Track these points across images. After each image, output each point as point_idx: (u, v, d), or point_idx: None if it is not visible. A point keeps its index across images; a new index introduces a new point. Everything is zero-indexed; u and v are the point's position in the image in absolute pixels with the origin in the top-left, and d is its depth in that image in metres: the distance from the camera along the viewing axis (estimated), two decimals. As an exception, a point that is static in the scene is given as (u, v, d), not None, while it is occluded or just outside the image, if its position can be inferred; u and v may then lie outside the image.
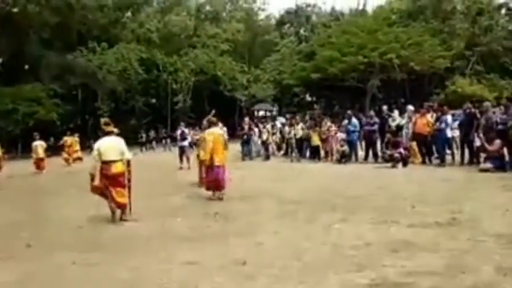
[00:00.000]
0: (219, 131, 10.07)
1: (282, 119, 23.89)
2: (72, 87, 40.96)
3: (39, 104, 35.41)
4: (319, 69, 39.24)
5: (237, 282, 4.45)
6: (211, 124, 10.09)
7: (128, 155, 8.05)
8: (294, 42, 47.02)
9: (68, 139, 23.24)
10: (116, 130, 8.29)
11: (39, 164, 19.39)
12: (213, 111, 10.62)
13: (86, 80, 38.05)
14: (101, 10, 40.77)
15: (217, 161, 9.43)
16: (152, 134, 37.13)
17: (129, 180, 8.03)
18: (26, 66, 40.53)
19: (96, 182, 7.85)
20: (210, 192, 9.68)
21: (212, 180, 9.50)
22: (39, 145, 19.70)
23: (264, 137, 20.41)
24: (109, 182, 7.72)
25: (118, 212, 7.82)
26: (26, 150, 25.47)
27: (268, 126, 21.58)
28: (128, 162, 8.03)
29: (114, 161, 7.72)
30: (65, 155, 22.73)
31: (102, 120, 8.43)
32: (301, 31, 52.91)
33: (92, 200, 8.47)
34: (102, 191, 7.83)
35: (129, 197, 7.96)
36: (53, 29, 37.91)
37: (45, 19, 35.62)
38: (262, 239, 5.96)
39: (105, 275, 4.92)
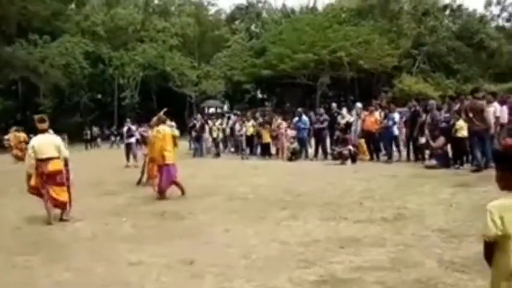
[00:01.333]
0: (167, 129, 9.83)
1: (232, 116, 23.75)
2: (12, 82, 39.18)
3: (-24, 99, 33.68)
4: (270, 66, 39.55)
5: (184, 281, 4.37)
6: (160, 122, 9.82)
7: (65, 152, 7.74)
8: (245, 38, 47.13)
9: (19, 135, 22.05)
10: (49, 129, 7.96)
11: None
12: (165, 109, 10.35)
13: (27, 74, 36.50)
14: (42, 1, 39.09)
15: (167, 159, 9.24)
16: (96, 130, 36.03)
17: (67, 179, 7.70)
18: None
19: (33, 181, 7.46)
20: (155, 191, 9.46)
21: (165, 179, 9.24)
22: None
23: (214, 134, 20.28)
24: (45, 181, 7.39)
25: (56, 211, 7.51)
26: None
27: (218, 123, 21.44)
28: (65, 160, 7.70)
29: (50, 159, 7.39)
30: (15, 151, 21.53)
31: (36, 116, 7.95)
32: (252, 27, 53.09)
33: (31, 200, 8.09)
34: (38, 191, 7.48)
35: (69, 197, 7.64)
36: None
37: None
38: (211, 238, 5.87)
39: (46, 278, 4.70)
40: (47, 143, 7.49)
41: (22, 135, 21.87)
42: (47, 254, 5.65)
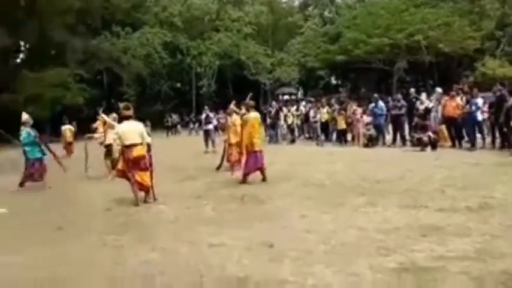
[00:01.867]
0: (256, 115, 9.92)
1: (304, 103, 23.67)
2: (97, 72, 41.48)
3: (66, 88, 35.97)
4: (344, 52, 38.77)
5: (264, 264, 4.44)
6: (249, 108, 9.87)
7: (148, 138, 8.14)
8: (319, 24, 46.41)
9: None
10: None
11: (68, 147, 19.74)
12: (250, 94, 10.48)
13: (111, 64, 38.51)
14: (123, -6, 40.94)
15: (256, 146, 9.42)
16: (176, 117, 37.31)
17: (150, 165, 8.13)
18: (52, 52, 41.10)
19: (120, 165, 8.03)
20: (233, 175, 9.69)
21: (252, 164, 9.41)
22: (68, 129, 20.05)
23: (289, 120, 20.34)
24: (131, 166, 7.82)
25: (141, 194, 7.95)
26: (55, 135, 25.97)
27: (293, 109, 21.46)
28: (148, 146, 8.11)
29: (134, 145, 7.80)
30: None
31: (122, 104, 8.47)
32: (326, 13, 52.11)
33: (118, 183, 8.64)
34: (125, 174, 7.95)
35: (152, 181, 8.06)
36: (77, 14, 38.23)
37: (69, 4, 35.91)
38: (289, 223, 5.94)
39: (134, 257, 4.97)
40: (131, 130, 7.89)
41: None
42: (134, 234, 5.99)
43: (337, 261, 4.38)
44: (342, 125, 17.58)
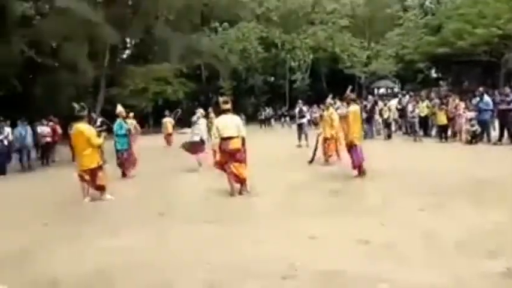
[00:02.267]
0: (357, 108, 9.72)
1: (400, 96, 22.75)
2: (197, 67, 43.09)
3: (168, 83, 37.88)
4: (446, 43, 36.64)
5: (360, 260, 4.39)
6: (350, 102, 9.64)
7: (244, 132, 8.29)
8: (419, 15, 44.34)
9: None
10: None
11: (168, 138, 20.88)
12: (350, 87, 10.31)
13: (209, 59, 39.75)
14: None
15: (356, 140, 9.28)
16: (270, 111, 37.74)
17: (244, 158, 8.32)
18: (155, 47, 43.36)
19: (217, 157, 8.29)
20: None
21: (356, 158, 9.27)
22: (168, 121, 21.19)
23: (385, 115, 19.72)
24: (228, 158, 8.06)
25: (237, 186, 8.14)
26: (157, 126, 27.50)
27: (390, 103, 20.74)
28: (243, 140, 8.28)
29: (231, 137, 8.02)
30: None
31: (221, 98, 8.67)
32: (427, 3, 49.59)
33: (215, 174, 8.93)
34: (222, 166, 8.22)
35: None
36: (179, 11, 39.94)
37: (172, 2, 37.65)
38: (386, 219, 5.79)
39: (233, 246, 5.12)
40: (229, 123, 8.12)
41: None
42: (230, 224, 6.19)
43: (439, 262, 4.21)
44: (442, 120, 16.68)
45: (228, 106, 8.29)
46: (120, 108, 11.76)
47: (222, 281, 4.09)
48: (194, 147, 12.37)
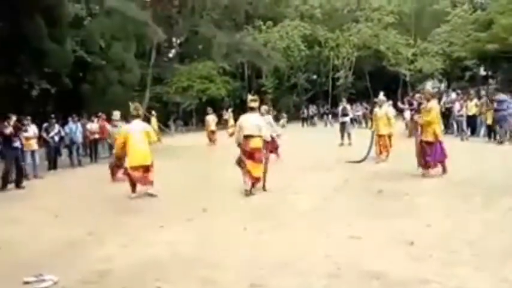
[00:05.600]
0: (436, 104, 9.46)
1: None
2: (240, 65, 43.40)
3: (211, 81, 38.37)
4: (497, 40, 35.33)
5: (404, 261, 4.34)
6: (429, 97, 9.33)
7: (266, 133, 8.30)
8: (468, 11, 42.97)
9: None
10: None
11: (211, 136, 21.15)
12: (430, 82, 10.00)
13: (252, 57, 39.94)
14: (266, -12, 42.21)
15: (440, 136, 9.05)
16: (313, 109, 37.54)
17: (266, 157, 8.45)
18: (200, 46, 43.96)
19: (239, 154, 8.32)
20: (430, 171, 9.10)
21: (441, 154, 9.01)
22: (211, 119, 21.45)
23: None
24: (246, 156, 8.08)
25: (250, 185, 8.12)
26: (200, 124, 27.94)
27: (443, 101, 20.17)
28: (272, 138, 8.28)
29: (251, 136, 8.03)
30: (231, 129, 24.40)
31: (250, 96, 8.70)
32: (477, -2, 48.02)
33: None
34: (241, 164, 8.26)
35: (265, 172, 8.34)
36: (223, 10, 40.36)
37: (217, 1, 38.10)
38: (431, 221, 5.68)
39: (275, 244, 5.16)
40: (251, 122, 8.14)
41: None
42: (271, 221, 6.22)
43: (485, 264, 4.11)
44: (491, 119, 16.13)
45: (254, 104, 8.34)
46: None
47: (265, 278, 4.13)
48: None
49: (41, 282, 4.34)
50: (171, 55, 47.55)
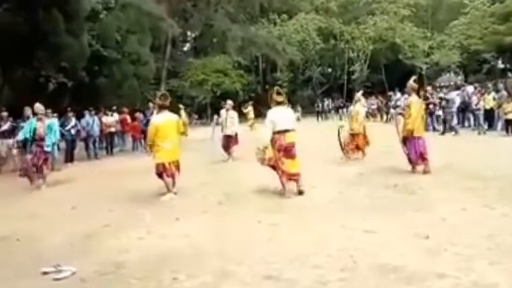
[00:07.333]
0: (418, 100, 9.34)
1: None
2: (254, 59, 43.36)
3: (226, 75, 38.41)
4: (515, 32, 34.80)
5: (419, 255, 4.31)
6: (411, 91, 9.25)
7: (296, 126, 7.89)
8: (486, 3, 42.26)
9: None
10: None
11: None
12: (414, 77, 9.93)
13: (267, 51, 39.90)
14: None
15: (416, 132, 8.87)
16: (328, 103, 37.36)
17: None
18: (214, 40, 44.00)
19: (270, 153, 7.53)
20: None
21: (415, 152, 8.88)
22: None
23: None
24: (282, 153, 7.51)
25: (289, 185, 7.63)
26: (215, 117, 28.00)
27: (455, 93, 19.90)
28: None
29: (287, 131, 7.54)
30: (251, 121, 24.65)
31: (275, 89, 8.16)
32: (496, -10, 47.19)
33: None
34: (272, 163, 7.59)
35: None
36: (238, 3, 40.29)
37: (232, -7, 38.16)
38: (446, 215, 5.63)
39: (289, 238, 5.16)
40: (285, 116, 7.67)
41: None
42: (287, 215, 6.24)
43: (503, 259, 4.06)
44: (509, 113, 15.91)
45: (282, 98, 7.86)
46: (36, 105, 10.46)
47: (280, 270, 4.14)
48: (230, 140, 12.58)
49: (59, 272, 4.41)
50: (186, 49, 47.69)
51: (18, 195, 9.41)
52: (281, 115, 7.65)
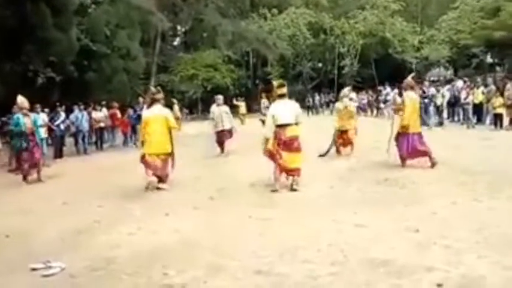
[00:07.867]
0: (416, 96, 9.31)
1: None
2: (245, 53, 43.27)
3: (216, 69, 38.31)
4: (504, 27, 34.94)
5: (409, 249, 4.33)
6: (408, 87, 9.17)
7: (301, 119, 7.80)
8: (476, -2, 42.50)
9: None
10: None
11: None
12: (413, 74, 9.86)
13: (257, 45, 39.83)
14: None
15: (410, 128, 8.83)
16: (319, 98, 37.41)
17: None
18: (205, 34, 43.83)
19: (270, 145, 7.54)
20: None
21: (407, 148, 8.87)
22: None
23: (438, 101, 19.12)
24: (282, 147, 7.44)
25: (284, 180, 7.67)
26: (205, 112, 27.96)
27: (445, 88, 20.09)
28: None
29: (288, 124, 7.47)
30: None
31: (276, 82, 8.13)
32: (485, -16, 47.39)
33: (261, 161, 8.92)
34: (272, 155, 7.57)
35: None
36: (229, -2, 40.25)
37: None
38: (437, 208, 5.68)
39: (280, 232, 5.16)
40: (287, 109, 7.59)
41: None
42: (278, 209, 6.25)
43: (491, 252, 4.09)
44: (498, 107, 16.06)
45: (284, 90, 7.76)
46: (21, 100, 10.29)
47: (271, 265, 4.15)
48: (225, 135, 12.57)
49: (48, 269, 4.38)
50: (175, 43, 47.46)
51: (8, 191, 9.34)
52: (282, 109, 7.60)
